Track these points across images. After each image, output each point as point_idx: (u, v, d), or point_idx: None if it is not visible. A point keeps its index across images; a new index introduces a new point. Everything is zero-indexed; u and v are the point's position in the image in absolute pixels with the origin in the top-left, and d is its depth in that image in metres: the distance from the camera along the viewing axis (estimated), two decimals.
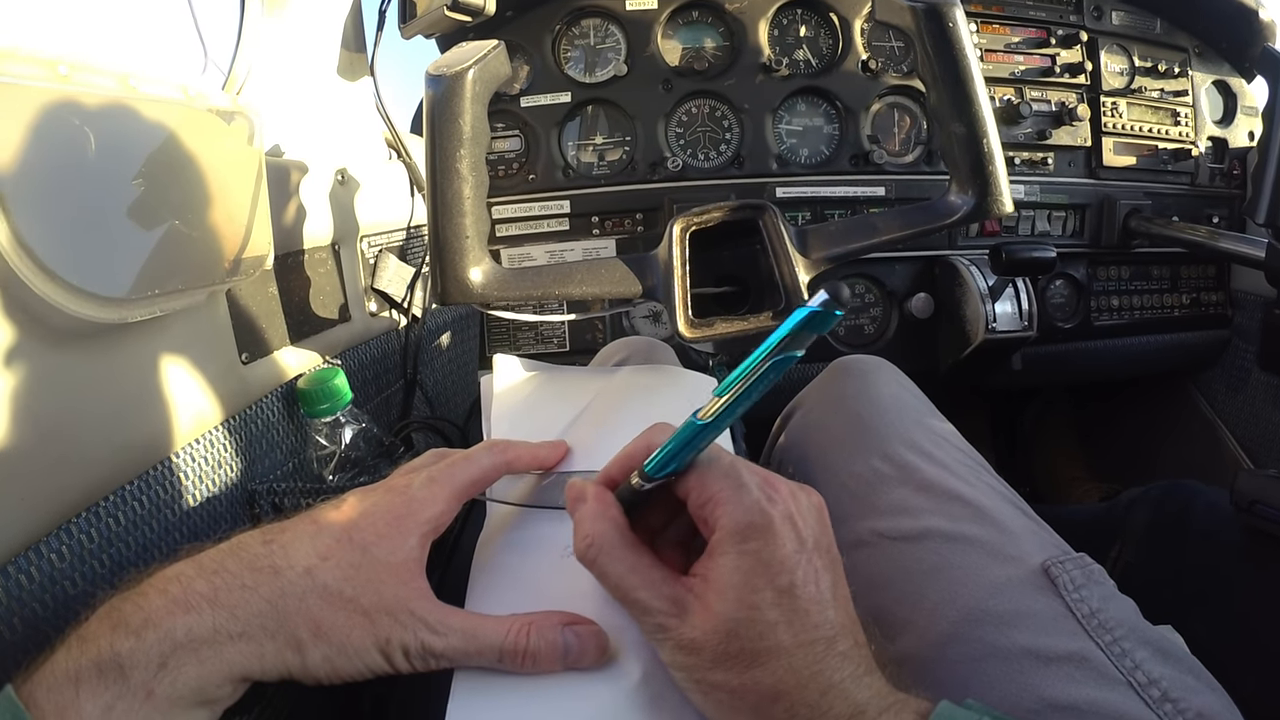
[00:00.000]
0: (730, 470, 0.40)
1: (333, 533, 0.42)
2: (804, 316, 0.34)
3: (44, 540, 0.50)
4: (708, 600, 0.37)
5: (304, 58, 1.00)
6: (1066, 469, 1.84)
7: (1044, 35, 1.46)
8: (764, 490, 0.39)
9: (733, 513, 0.38)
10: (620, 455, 0.45)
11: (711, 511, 0.39)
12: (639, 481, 0.41)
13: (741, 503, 0.38)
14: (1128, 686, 0.47)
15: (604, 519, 0.41)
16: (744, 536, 0.37)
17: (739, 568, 0.37)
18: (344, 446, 0.75)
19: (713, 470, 0.40)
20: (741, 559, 0.37)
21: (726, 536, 0.38)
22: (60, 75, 0.50)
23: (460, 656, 0.41)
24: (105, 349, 0.57)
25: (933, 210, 0.70)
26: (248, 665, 0.37)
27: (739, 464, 0.41)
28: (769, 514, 0.38)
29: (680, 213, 0.70)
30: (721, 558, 0.38)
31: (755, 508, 0.38)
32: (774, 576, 0.37)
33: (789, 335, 0.34)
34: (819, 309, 0.33)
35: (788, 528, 0.38)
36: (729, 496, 0.39)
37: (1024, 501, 0.65)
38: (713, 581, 0.38)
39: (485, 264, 0.65)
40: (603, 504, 0.42)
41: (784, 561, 0.37)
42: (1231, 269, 1.58)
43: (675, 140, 1.35)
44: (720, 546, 0.38)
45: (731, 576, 0.37)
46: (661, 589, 0.39)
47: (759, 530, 0.37)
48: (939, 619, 0.54)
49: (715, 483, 0.39)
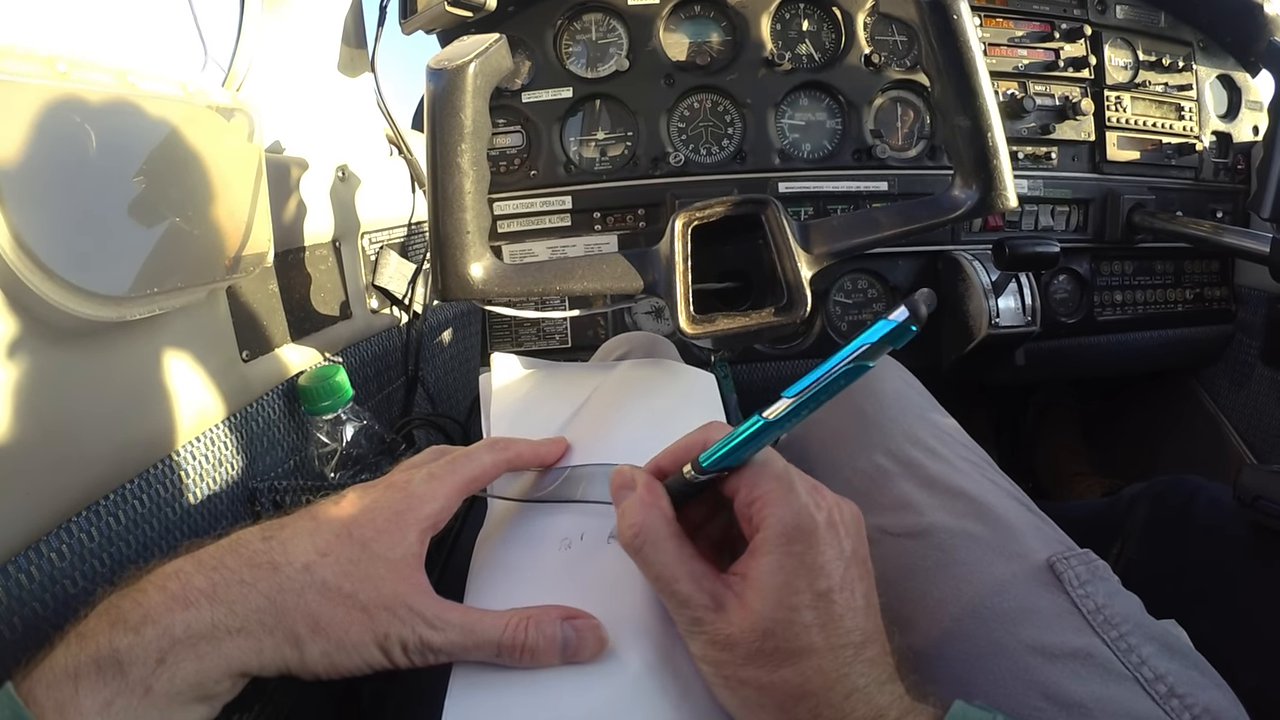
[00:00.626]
0: (783, 473, 0.41)
1: (332, 529, 0.42)
2: (885, 331, 0.35)
3: (44, 539, 0.50)
4: (747, 598, 0.38)
5: (304, 54, 1.00)
6: (1070, 465, 1.83)
7: (1048, 29, 1.45)
8: (812, 496, 0.40)
9: (781, 514, 0.38)
10: (673, 447, 0.45)
11: (759, 511, 0.39)
12: (692, 474, 0.42)
13: (790, 505, 0.39)
14: (1134, 682, 0.47)
15: (653, 508, 0.41)
16: (790, 539, 0.38)
17: (782, 568, 0.37)
18: (345, 444, 0.74)
19: (765, 471, 0.41)
20: (786, 560, 0.38)
21: (772, 537, 0.38)
22: (59, 73, 0.50)
23: (458, 651, 0.41)
24: (105, 347, 0.56)
25: (936, 205, 0.70)
26: (246, 661, 0.37)
27: (791, 470, 0.41)
28: (815, 519, 0.39)
29: (682, 208, 0.69)
30: (765, 557, 0.38)
31: (804, 511, 0.39)
32: (814, 580, 0.37)
33: (867, 347, 0.35)
34: (898, 323, 0.34)
35: (831, 534, 0.39)
36: (779, 498, 0.39)
37: (1028, 497, 0.65)
38: (753, 580, 0.38)
39: (486, 259, 0.65)
40: (653, 493, 0.42)
41: (824, 567, 0.38)
42: (1235, 264, 1.57)
43: (677, 135, 1.35)
44: (765, 546, 0.38)
45: (774, 577, 0.37)
46: (703, 583, 0.39)
47: (804, 534, 0.38)
48: (943, 615, 0.53)
49: (767, 483, 0.40)
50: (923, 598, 0.56)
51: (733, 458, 0.40)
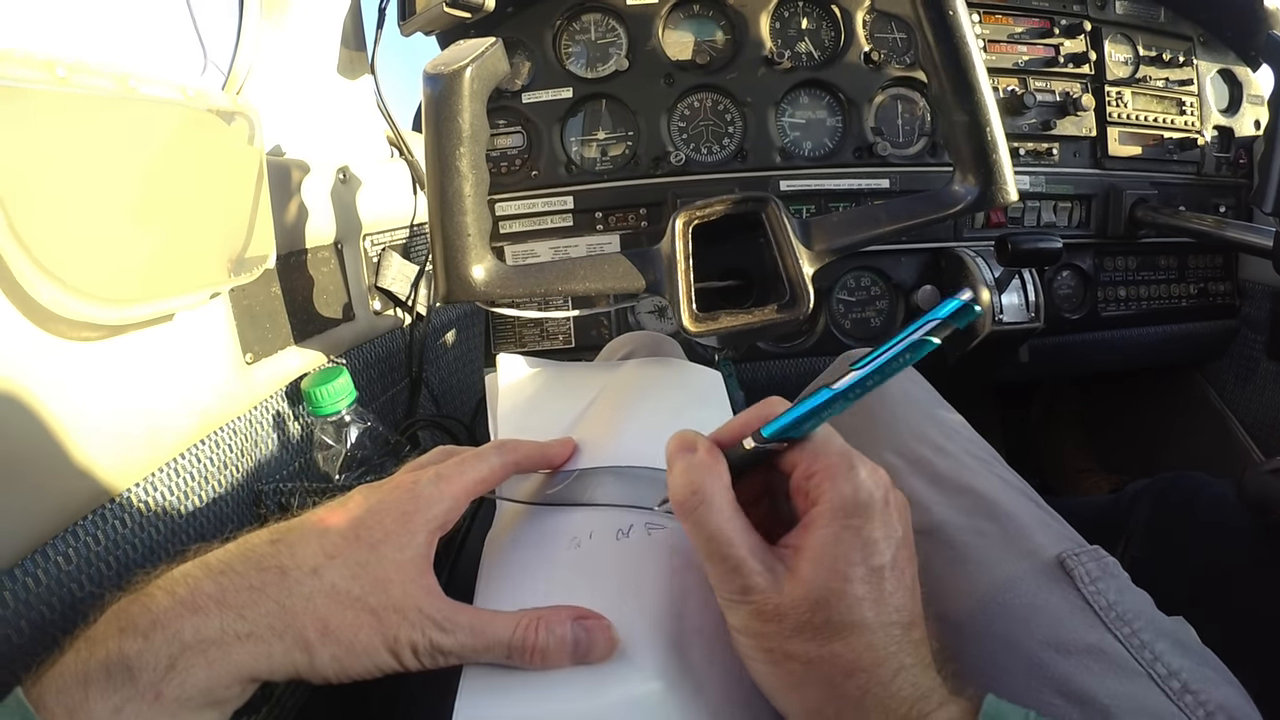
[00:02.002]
0: (844, 450, 0.41)
1: (340, 531, 0.42)
2: (953, 309, 0.37)
3: (50, 543, 0.50)
4: (799, 569, 0.38)
5: (304, 57, 1.00)
6: (1075, 461, 1.83)
7: (1047, 25, 1.45)
8: (872, 475, 0.40)
9: (842, 488, 0.39)
10: (731, 423, 0.45)
11: (819, 484, 0.39)
12: (755, 445, 0.42)
13: (851, 480, 0.39)
14: (1148, 678, 0.46)
15: (711, 470, 0.41)
16: (849, 512, 0.38)
17: (840, 539, 0.37)
18: (350, 445, 0.74)
19: (828, 445, 0.41)
20: (844, 532, 0.38)
21: (831, 510, 0.38)
22: (59, 77, 0.50)
23: (469, 653, 0.41)
24: (108, 351, 0.56)
25: (937, 200, 0.70)
26: (256, 666, 0.37)
27: (850, 447, 0.42)
28: (874, 496, 0.39)
29: (683, 206, 0.69)
30: (822, 529, 0.38)
31: (864, 487, 0.39)
32: (869, 555, 0.37)
33: (935, 322, 0.37)
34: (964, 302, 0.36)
35: (887, 514, 0.39)
36: (841, 472, 0.39)
37: (1036, 493, 0.64)
38: (808, 551, 0.38)
39: (487, 261, 0.65)
40: (714, 456, 0.42)
41: (878, 543, 0.38)
42: (1239, 259, 1.57)
43: (678, 134, 1.35)
44: (822, 519, 0.38)
45: (831, 548, 0.37)
46: (756, 552, 0.39)
47: (864, 508, 0.38)
48: (955, 612, 0.53)
49: (829, 457, 0.40)
50: (934, 595, 0.55)
51: (797, 429, 0.41)
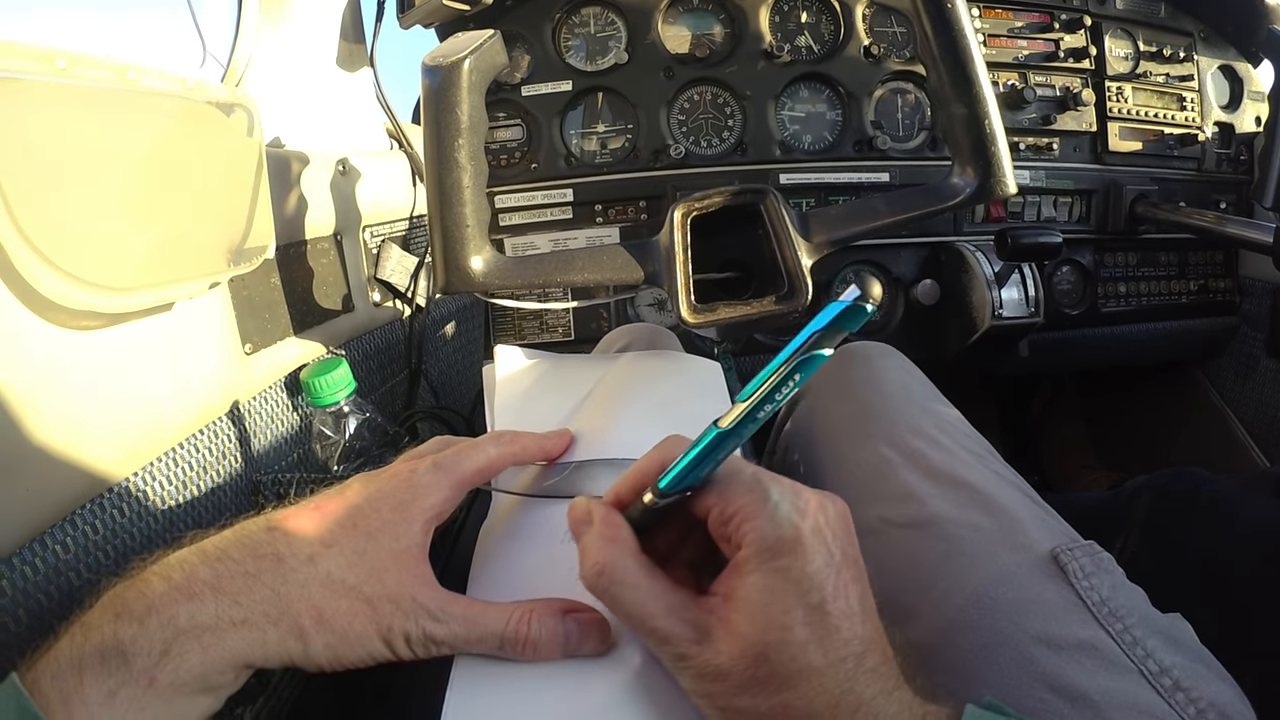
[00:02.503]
0: (754, 483, 0.38)
1: (336, 520, 0.42)
2: (835, 313, 0.33)
3: (49, 531, 0.50)
4: (733, 623, 0.35)
5: (303, 49, 1.00)
6: (1074, 457, 1.83)
7: (1047, 20, 1.45)
8: (792, 502, 0.37)
9: (761, 528, 0.36)
10: (630, 473, 0.42)
11: (737, 528, 0.37)
12: (652, 499, 0.39)
13: (771, 518, 0.36)
14: (1139, 675, 0.46)
15: (614, 542, 0.39)
16: (774, 553, 0.35)
17: (768, 586, 0.35)
18: (348, 436, 0.74)
19: (736, 484, 0.38)
20: (771, 577, 0.35)
21: (754, 554, 0.36)
22: (58, 69, 0.50)
23: (461, 643, 0.41)
24: (107, 340, 0.57)
25: (935, 192, 0.70)
26: (250, 653, 0.37)
27: (762, 475, 0.39)
28: (799, 528, 0.36)
29: (681, 199, 0.69)
30: (748, 576, 0.36)
31: (785, 522, 0.36)
32: (805, 594, 0.35)
33: (817, 333, 0.33)
34: (849, 303, 0.32)
35: (818, 542, 0.36)
36: (756, 511, 0.36)
37: (1031, 488, 0.64)
38: (739, 601, 0.36)
39: (486, 252, 0.65)
40: (612, 526, 0.40)
41: (814, 577, 0.35)
42: (1239, 255, 1.57)
43: (678, 128, 1.35)
44: (747, 564, 0.36)
45: (760, 596, 0.35)
46: (682, 615, 0.37)
47: (789, 546, 0.35)
48: (947, 606, 0.53)
49: (740, 497, 0.37)
50: (927, 589, 0.55)
51: (692, 477, 0.38)
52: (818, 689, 0.34)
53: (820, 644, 0.34)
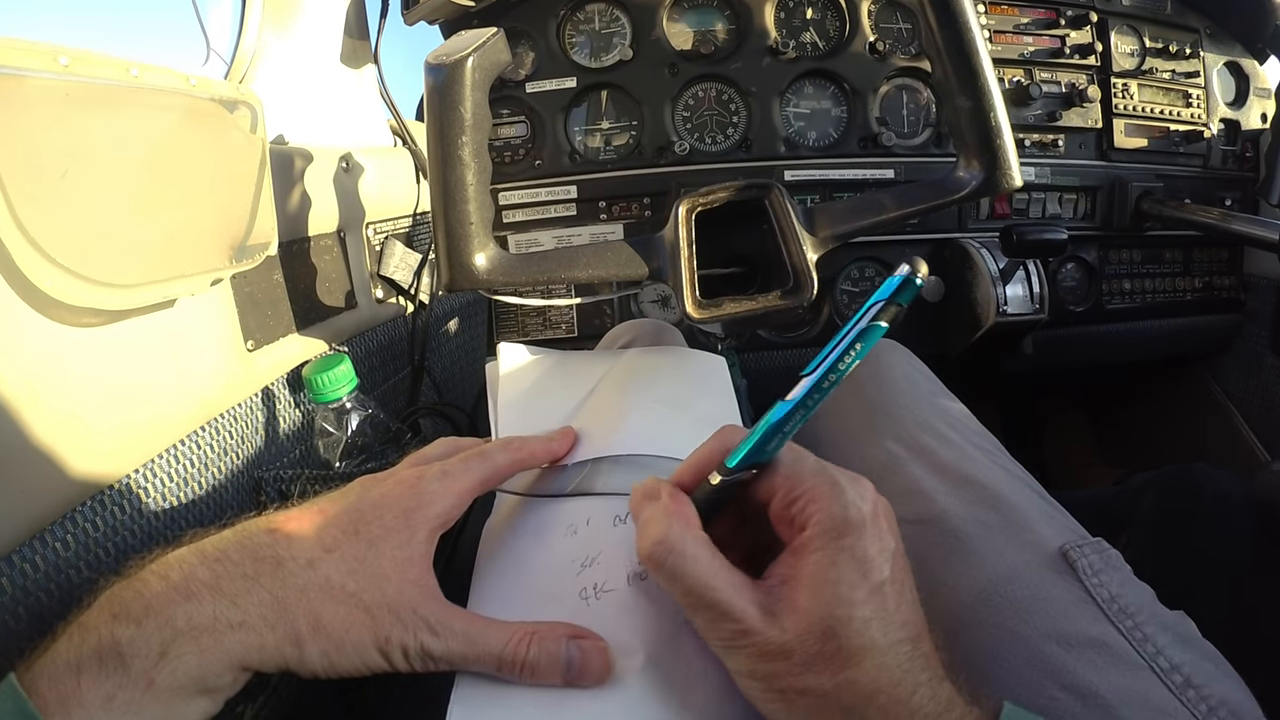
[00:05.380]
0: (820, 469, 0.39)
1: (339, 525, 0.42)
2: (895, 286, 0.34)
3: (49, 529, 0.50)
4: (797, 600, 0.36)
5: (307, 46, 1.00)
6: (1078, 454, 1.83)
7: (1053, 16, 1.44)
8: (856, 489, 0.38)
9: (829, 508, 0.37)
10: (691, 459, 0.42)
11: (803, 509, 0.37)
12: (720, 479, 0.39)
13: (838, 499, 0.37)
14: (1150, 672, 0.46)
15: (678, 517, 0.38)
16: (840, 532, 0.36)
17: (836, 562, 0.36)
18: (351, 433, 0.74)
19: (802, 467, 0.39)
20: (839, 554, 0.36)
21: (821, 533, 0.36)
22: (62, 67, 0.50)
23: (458, 660, 0.40)
24: (110, 336, 0.56)
25: (940, 186, 0.69)
26: (247, 655, 0.37)
27: (825, 463, 0.40)
28: (864, 511, 0.37)
29: (686, 194, 0.69)
30: (814, 554, 0.36)
31: (852, 505, 0.37)
32: (869, 573, 0.36)
33: (878, 305, 0.35)
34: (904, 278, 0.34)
35: (879, 526, 0.37)
36: (824, 492, 0.37)
37: (1038, 484, 0.64)
38: (803, 580, 0.36)
39: (490, 249, 0.65)
40: (678, 502, 0.40)
41: (875, 559, 0.36)
42: (1245, 252, 1.56)
43: (682, 124, 1.34)
44: (812, 543, 0.36)
45: (827, 573, 0.35)
46: (744, 591, 0.37)
47: (855, 527, 0.36)
48: (956, 603, 0.53)
49: (807, 479, 0.38)
50: (935, 585, 0.55)
51: (762, 452, 0.38)
52: (880, 666, 0.35)
53: (882, 623, 0.35)
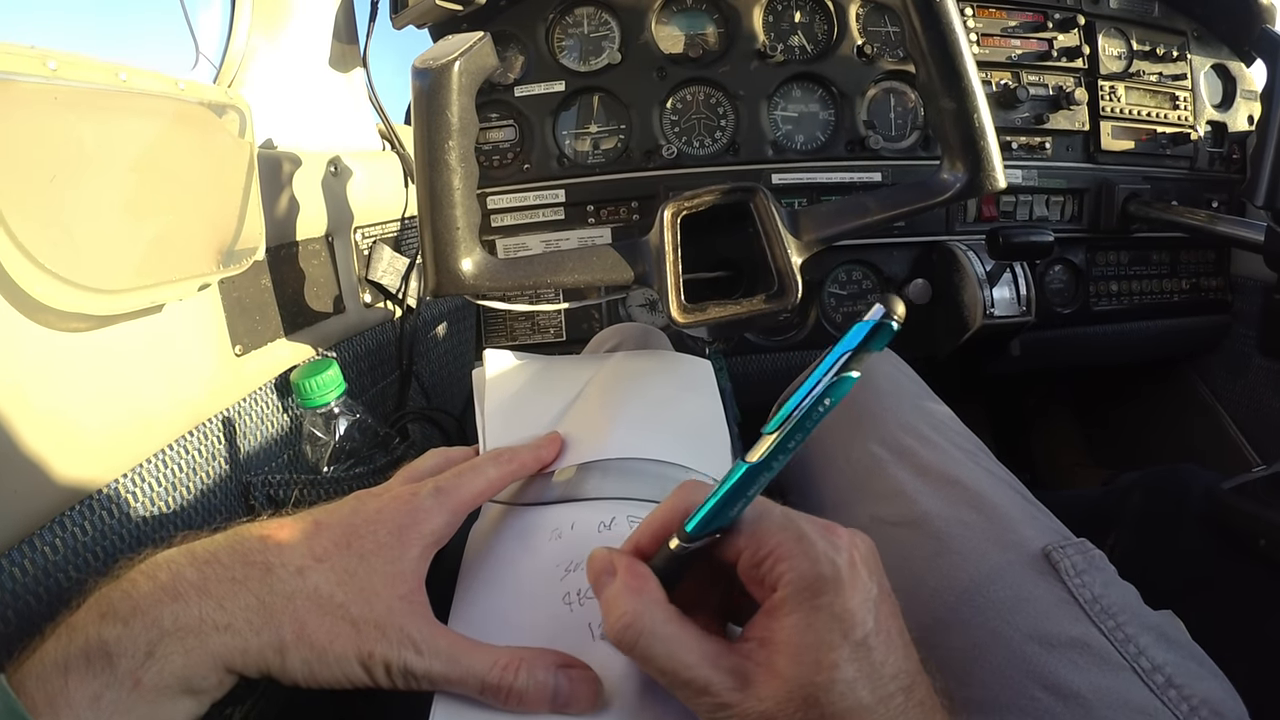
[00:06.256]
0: (787, 522, 0.37)
1: (331, 535, 0.42)
2: (863, 334, 0.32)
3: (38, 533, 0.50)
4: (775, 666, 0.34)
5: (296, 50, 1.00)
6: (1066, 456, 1.84)
7: (1041, 19, 1.45)
8: (827, 539, 0.36)
9: (799, 566, 0.35)
10: (650, 521, 0.40)
11: (772, 568, 0.36)
12: (679, 544, 0.37)
13: (808, 555, 0.35)
14: (1131, 672, 0.47)
15: (640, 594, 0.36)
16: (814, 591, 0.34)
17: (811, 625, 0.34)
18: (339, 437, 0.74)
19: (766, 524, 0.37)
20: (814, 615, 0.34)
21: (794, 594, 0.34)
22: (49, 71, 0.50)
23: (440, 681, 0.39)
24: (97, 341, 0.56)
25: (925, 188, 0.70)
26: (231, 658, 0.37)
27: (792, 513, 0.38)
28: (837, 564, 0.35)
29: (671, 198, 0.69)
30: (788, 616, 0.34)
31: (824, 559, 0.35)
32: (849, 631, 0.34)
33: (846, 355, 0.33)
34: (875, 322, 0.31)
35: (855, 576, 0.35)
36: (792, 550, 0.35)
37: (1023, 485, 0.65)
38: (780, 644, 0.34)
39: (476, 254, 0.65)
40: (637, 577, 0.38)
41: (855, 613, 0.34)
42: (1231, 254, 1.57)
43: (670, 128, 1.35)
44: (786, 605, 0.35)
45: (803, 636, 0.34)
46: (720, 662, 0.35)
47: (829, 583, 0.34)
48: (939, 604, 0.53)
49: (773, 536, 0.36)
50: (917, 587, 0.55)
51: (722, 517, 0.36)
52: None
53: (869, 680, 0.33)
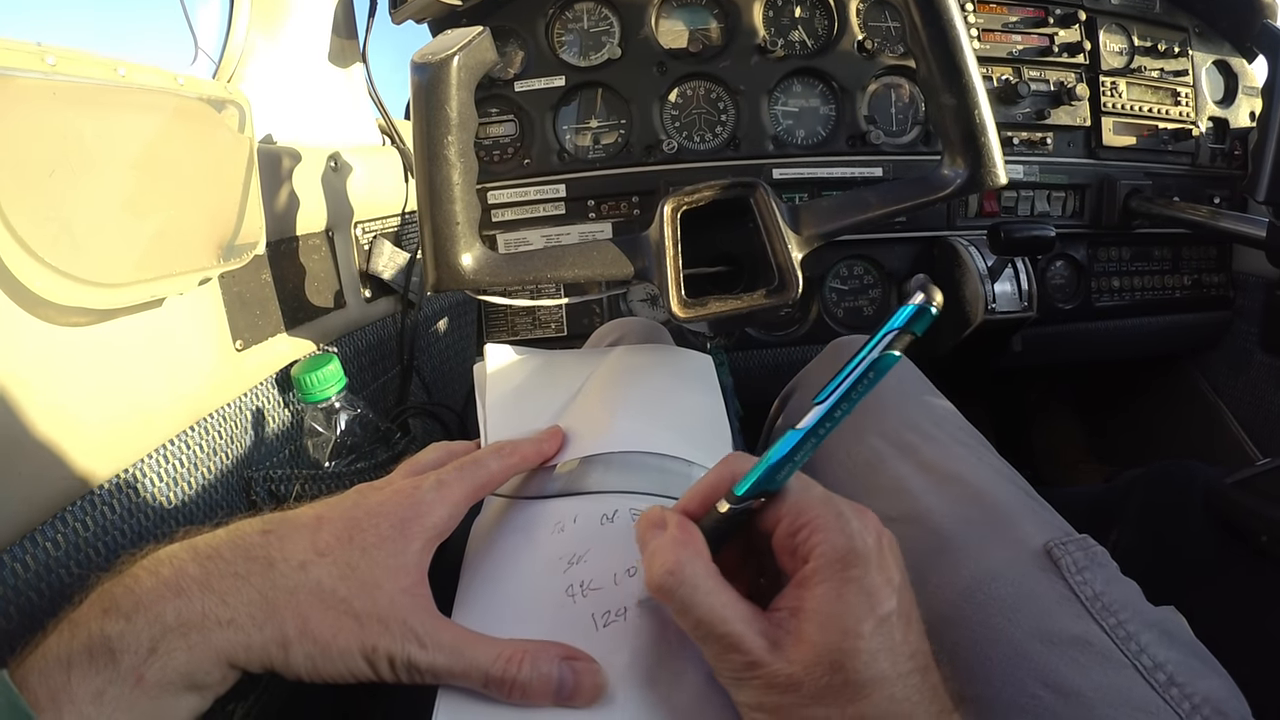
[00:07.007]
0: (828, 498, 0.39)
1: (334, 530, 0.42)
2: (907, 316, 0.35)
3: (39, 529, 0.50)
4: (804, 632, 0.35)
5: (295, 45, 1.00)
6: (1068, 452, 1.84)
7: (1042, 14, 1.44)
8: (861, 520, 0.38)
9: (834, 539, 0.36)
10: (697, 488, 0.42)
11: (808, 538, 0.37)
12: (727, 507, 0.39)
13: (843, 529, 0.37)
14: (1133, 670, 0.46)
15: (688, 547, 0.38)
16: (846, 563, 0.36)
17: (841, 596, 0.35)
18: (340, 432, 0.74)
19: (808, 496, 0.39)
20: (844, 586, 0.35)
21: (827, 564, 0.36)
22: (48, 66, 0.50)
23: (444, 674, 0.39)
24: (98, 336, 0.56)
25: (926, 183, 0.69)
26: (234, 653, 0.37)
27: (832, 494, 0.40)
28: (869, 542, 0.37)
29: (671, 193, 0.69)
30: (820, 586, 0.36)
31: (857, 535, 0.37)
32: (875, 604, 0.35)
33: (892, 334, 0.35)
34: (918, 306, 0.34)
35: (882, 559, 0.37)
36: (830, 523, 0.37)
37: (1025, 481, 0.64)
38: (810, 612, 0.35)
39: (476, 249, 0.65)
40: (686, 532, 0.39)
41: (882, 590, 0.36)
42: (1233, 250, 1.57)
43: (670, 123, 1.34)
44: (818, 574, 0.36)
45: (833, 605, 0.35)
46: (753, 623, 0.36)
47: (861, 558, 0.36)
48: (940, 601, 0.53)
49: (813, 508, 0.38)
50: (919, 583, 0.55)
51: (771, 481, 0.38)
52: (890, 699, 0.34)
53: (890, 654, 0.35)
